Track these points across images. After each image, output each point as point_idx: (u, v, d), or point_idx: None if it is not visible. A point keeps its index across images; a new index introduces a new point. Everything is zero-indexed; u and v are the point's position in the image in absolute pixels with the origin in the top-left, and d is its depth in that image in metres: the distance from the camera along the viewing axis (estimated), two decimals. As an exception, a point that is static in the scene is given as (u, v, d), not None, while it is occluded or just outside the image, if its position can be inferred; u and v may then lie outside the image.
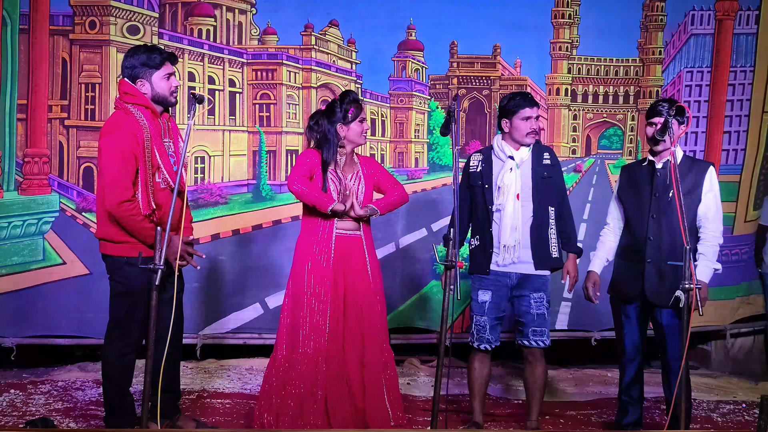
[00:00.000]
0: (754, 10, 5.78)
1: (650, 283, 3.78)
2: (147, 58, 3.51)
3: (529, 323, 3.93)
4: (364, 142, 3.99)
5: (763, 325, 5.98)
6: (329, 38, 5.63)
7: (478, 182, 3.99)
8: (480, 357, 4.02)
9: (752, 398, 4.96)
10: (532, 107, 3.93)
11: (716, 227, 3.82)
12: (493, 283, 3.96)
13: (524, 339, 3.96)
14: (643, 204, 3.83)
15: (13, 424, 4.03)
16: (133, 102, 3.51)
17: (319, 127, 3.87)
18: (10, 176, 5.13)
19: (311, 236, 3.84)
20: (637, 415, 3.98)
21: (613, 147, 5.94)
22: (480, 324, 3.98)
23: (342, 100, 3.87)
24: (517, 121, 3.91)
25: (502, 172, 3.94)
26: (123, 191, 3.42)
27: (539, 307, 3.93)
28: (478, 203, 4.00)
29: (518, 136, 3.93)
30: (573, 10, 5.80)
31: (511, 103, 3.94)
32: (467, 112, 5.84)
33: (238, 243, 5.42)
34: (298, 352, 3.77)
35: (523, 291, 3.95)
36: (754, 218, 5.98)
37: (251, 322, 5.38)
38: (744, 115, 5.86)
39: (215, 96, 5.46)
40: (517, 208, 3.90)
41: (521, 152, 3.96)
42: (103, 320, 5.09)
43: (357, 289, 3.83)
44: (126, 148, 3.41)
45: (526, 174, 3.95)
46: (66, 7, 5.22)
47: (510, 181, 3.91)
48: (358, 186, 3.88)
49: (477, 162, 4.04)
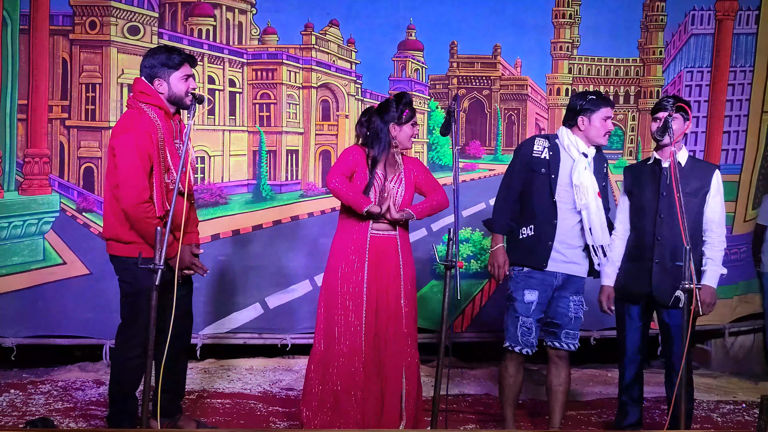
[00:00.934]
0: (754, 10, 5.78)
1: (658, 283, 3.76)
2: (167, 58, 3.52)
3: (564, 325, 3.79)
4: (411, 146, 3.91)
5: (761, 324, 5.99)
6: (329, 38, 5.64)
7: (542, 170, 3.75)
8: (517, 362, 3.82)
9: (752, 398, 4.96)
10: (612, 107, 3.81)
11: (723, 231, 3.81)
12: (540, 282, 3.76)
13: (556, 341, 3.81)
14: (651, 203, 3.79)
15: (13, 424, 4.03)
16: (147, 101, 3.51)
17: (371, 124, 3.81)
18: (10, 176, 5.13)
19: (347, 236, 3.81)
20: (637, 416, 3.97)
21: (613, 147, 5.94)
22: (526, 326, 3.75)
23: (398, 101, 3.82)
24: (597, 120, 3.74)
25: (576, 168, 3.73)
26: (141, 191, 3.40)
27: (577, 310, 3.81)
28: (539, 192, 3.76)
29: (595, 135, 3.74)
30: (573, 9, 5.80)
31: (591, 101, 3.74)
32: (467, 112, 5.84)
33: (238, 243, 5.42)
34: (335, 349, 3.76)
35: (563, 292, 3.79)
36: (752, 217, 5.98)
37: (251, 322, 5.38)
38: (743, 114, 5.86)
39: (215, 96, 5.45)
40: (600, 206, 3.74)
41: (591, 152, 3.78)
42: (103, 320, 5.15)
43: (389, 290, 3.80)
44: (142, 147, 3.39)
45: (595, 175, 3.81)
46: (66, 7, 5.22)
47: (587, 179, 3.72)
48: (397, 188, 3.82)
49: (542, 148, 3.78)
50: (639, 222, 3.86)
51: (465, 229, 5.64)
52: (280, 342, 5.42)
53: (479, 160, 5.79)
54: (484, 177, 5.77)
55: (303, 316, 5.43)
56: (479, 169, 5.77)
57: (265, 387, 4.98)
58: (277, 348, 5.44)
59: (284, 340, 5.41)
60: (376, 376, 3.78)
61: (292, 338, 5.42)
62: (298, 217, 5.52)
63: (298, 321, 5.44)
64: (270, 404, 4.58)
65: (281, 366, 5.40)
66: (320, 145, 5.63)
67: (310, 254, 5.40)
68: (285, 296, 5.43)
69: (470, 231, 5.66)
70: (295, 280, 5.42)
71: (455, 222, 3.49)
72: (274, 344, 5.43)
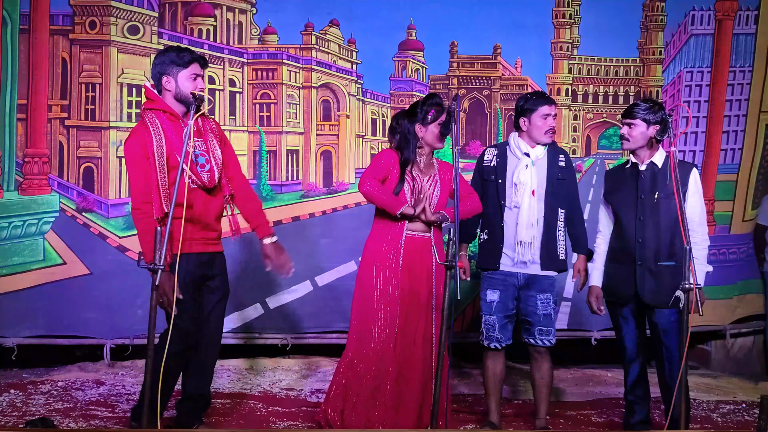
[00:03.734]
0: (753, 10, 5.78)
1: (644, 285, 3.80)
2: (176, 56, 3.56)
3: (535, 323, 3.97)
4: (442, 145, 3.96)
5: (762, 325, 5.99)
6: (330, 38, 5.63)
7: (491, 177, 4.00)
8: (492, 356, 4.05)
9: (752, 398, 4.96)
10: (551, 105, 3.96)
11: (705, 230, 3.86)
12: (501, 282, 3.99)
13: (530, 338, 4.01)
14: (630, 206, 3.84)
15: (13, 424, 4.03)
16: (151, 107, 3.56)
17: (400, 127, 3.88)
18: (10, 176, 5.13)
19: (381, 237, 3.85)
20: (644, 413, 3.99)
21: (613, 147, 5.94)
22: (489, 323, 4.00)
23: (424, 102, 3.89)
24: (536, 119, 3.92)
25: (518, 168, 3.95)
26: (139, 195, 3.49)
27: (546, 307, 3.97)
28: (490, 197, 4.00)
29: (536, 134, 3.94)
30: (573, 10, 5.80)
31: (530, 101, 3.95)
32: (467, 112, 5.84)
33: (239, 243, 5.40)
34: (366, 348, 3.80)
35: (530, 291, 3.98)
36: (751, 217, 5.98)
37: (251, 322, 5.38)
38: (743, 114, 5.86)
39: (215, 96, 5.45)
40: (532, 205, 3.92)
41: (537, 150, 3.97)
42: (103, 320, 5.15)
43: (421, 290, 3.85)
44: (138, 153, 3.47)
45: (541, 173, 3.97)
46: (66, 7, 5.21)
47: (526, 178, 3.92)
48: (433, 190, 3.87)
49: (491, 156, 4.05)
50: (619, 225, 3.90)
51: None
52: (281, 342, 5.42)
53: (479, 160, 5.78)
54: (484, 177, 5.76)
55: (303, 316, 5.43)
56: (479, 169, 5.77)
57: (265, 387, 4.98)
58: (278, 348, 5.44)
59: (284, 341, 5.41)
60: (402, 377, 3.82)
61: (292, 338, 5.42)
62: (299, 218, 5.52)
63: (298, 321, 5.44)
64: (270, 404, 4.58)
65: (281, 366, 5.40)
66: (321, 145, 5.63)
67: (311, 255, 5.39)
68: (285, 296, 5.42)
69: (470, 231, 5.65)
70: (295, 280, 5.40)
71: (455, 223, 3.50)
72: (275, 344, 5.43)
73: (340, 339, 4.59)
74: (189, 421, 3.78)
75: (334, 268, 5.36)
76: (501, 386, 4.12)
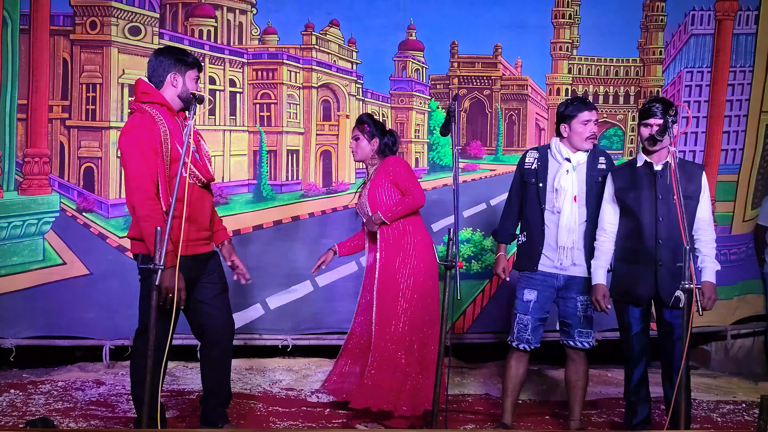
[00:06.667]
0: (753, 11, 5.78)
1: (665, 286, 3.77)
2: (182, 56, 3.57)
3: (575, 325, 3.97)
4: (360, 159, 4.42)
5: (763, 326, 5.99)
6: (330, 38, 5.64)
7: (532, 180, 4.01)
8: (517, 356, 4.04)
9: (752, 398, 4.96)
10: (591, 111, 3.94)
11: (713, 229, 3.89)
12: (540, 282, 3.98)
13: (570, 339, 4.00)
14: (649, 207, 3.81)
15: (13, 424, 4.03)
16: (149, 101, 3.51)
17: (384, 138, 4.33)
18: (10, 176, 5.13)
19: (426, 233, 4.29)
20: (645, 413, 3.99)
21: (613, 147, 5.94)
22: (522, 323, 3.99)
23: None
24: (577, 125, 3.92)
25: (559, 173, 3.94)
26: (147, 188, 3.39)
27: (586, 309, 3.98)
28: (530, 200, 4.02)
29: (577, 141, 3.94)
30: (573, 10, 5.80)
31: (570, 107, 3.93)
32: (468, 112, 5.84)
33: (239, 243, 5.39)
34: (433, 330, 4.15)
35: (569, 293, 3.97)
36: (751, 218, 5.98)
37: (252, 323, 5.38)
38: (743, 115, 5.86)
39: (216, 96, 5.46)
40: (573, 210, 3.92)
41: (578, 156, 3.97)
42: (103, 320, 5.15)
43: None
44: (145, 144, 3.39)
45: (582, 178, 3.97)
46: (67, 8, 5.22)
47: (567, 183, 3.92)
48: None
49: (533, 159, 4.05)
50: (636, 225, 3.85)
51: (465, 230, 5.64)
52: (281, 342, 5.42)
53: (480, 160, 5.79)
54: (485, 177, 5.77)
55: (304, 316, 5.43)
56: (480, 169, 5.78)
57: (265, 387, 4.98)
58: (278, 348, 5.44)
59: (285, 341, 5.41)
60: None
61: (292, 339, 5.42)
62: (299, 217, 5.52)
63: (298, 321, 5.44)
64: (270, 404, 4.58)
65: (281, 366, 5.40)
66: (321, 145, 5.63)
67: (311, 254, 5.37)
68: (286, 297, 5.43)
69: (471, 231, 5.66)
70: (296, 280, 5.41)
71: (455, 222, 3.50)
72: (275, 345, 5.43)
73: (341, 339, 4.58)
74: (214, 419, 3.74)
75: (334, 268, 5.35)
76: (520, 388, 4.11)
